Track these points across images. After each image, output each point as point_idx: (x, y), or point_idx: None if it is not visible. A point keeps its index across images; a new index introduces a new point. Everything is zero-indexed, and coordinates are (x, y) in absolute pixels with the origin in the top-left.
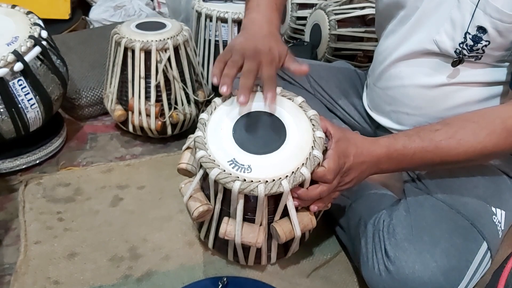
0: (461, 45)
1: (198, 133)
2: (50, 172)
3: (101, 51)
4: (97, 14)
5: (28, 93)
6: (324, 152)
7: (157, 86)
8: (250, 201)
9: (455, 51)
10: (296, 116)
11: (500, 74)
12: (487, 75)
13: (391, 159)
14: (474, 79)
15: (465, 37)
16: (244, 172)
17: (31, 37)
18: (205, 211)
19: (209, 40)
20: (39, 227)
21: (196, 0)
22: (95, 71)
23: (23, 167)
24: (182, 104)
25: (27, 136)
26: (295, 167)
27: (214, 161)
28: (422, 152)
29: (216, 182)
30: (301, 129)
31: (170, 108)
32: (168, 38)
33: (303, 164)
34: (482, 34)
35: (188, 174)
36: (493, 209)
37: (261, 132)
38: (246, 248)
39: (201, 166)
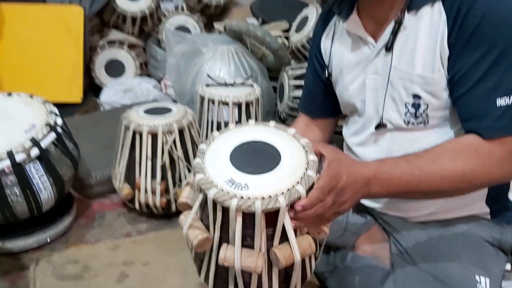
0: (407, 115)
1: (197, 160)
2: (60, 250)
3: (111, 132)
4: (108, 97)
5: (43, 176)
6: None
7: (163, 166)
8: (248, 223)
9: (404, 122)
10: (289, 144)
11: (459, 130)
12: (445, 136)
13: (380, 180)
14: (436, 142)
15: (406, 107)
16: (241, 189)
17: (47, 124)
18: (204, 239)
19: (212, 121)
20: None
21: (200, 85)
22: (105, 151)
23: (35, 246)
24: (185, 183)
25: (39, 217)
26: (290, 184)
27: (212, 182)
28: (408, 176)
29: (214, 202)
30: (295, 153)
31: (174, 186)
32: (173, 122)
33: (298, 182)
34: (418, 100)
35: (188, 208)
36: (477, 277)
37: (257, 156)
38: (247, 282)
39: (200, 190)
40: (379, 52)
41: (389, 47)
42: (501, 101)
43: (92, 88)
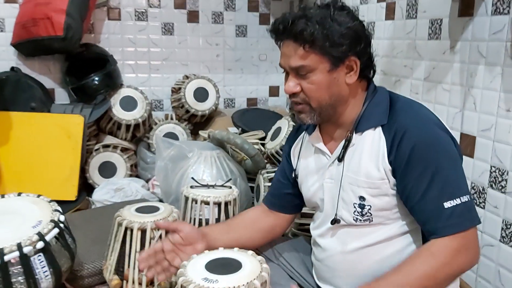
0: (355, 213)
1: (179, 270)
2: None
3: (102, 228)
4: (100, 196)
5: (45, 267)
6: None
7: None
8: None
9: (353, 219)
10: (249, 258)
11: (399, 228)
12: (388, 232)
13: None
14: (380, 238)
15: (354, 207)
16: (213, 283)
17: (52, 220)
18: None
19: (194, 219)
20: None
21: (184, 186)
22: (97, 246)
23: None
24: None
25: None
26: (249, 280)
27: (191, 280)
28: None
29: None
30: (253, 263)
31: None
32: (160, 219)
33: (254, 279)
34: (363, 201)
35: None
36: None
37: (225, 265)
38: None
39: (182, 287)
40: (333, 162)
41: (340, 158)
42: (448, 204)
43: (85, 187)
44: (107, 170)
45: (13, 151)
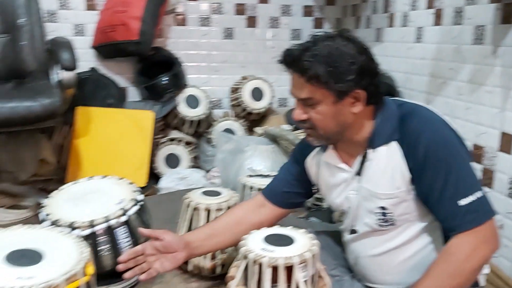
0: (379, 220)
1: (241, 243)
2: None
3: (168, 211)
4: (166, 183)
5: (126, 238)
6: None
7: None
8: (274, 277)
9: (378, 225)
10: (300, 235)
11: (420, 228)
12: (410, 233)
13: None
14: (403, 240)
15: (377, 215)
16: (270, 252)
17: (133, 199)
18: None
19: None
20: None
21: (242, 175)
22: (165, 225)
23: None
24: (229, 250)
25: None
26: (301, 252)
27: (251, 250)
28: None
29: (253, 261)
30: (304, 239)
31: (221, 252)
32: (223, 202)
33: (306, 251)
34: (384, 210)
35: (232, 279)
36: None
37: (280, 239)
38: None
39: (244, 257)
40: (353, 176)
41: (359, 173)
42: (462, 202)
43: (152, 176)
44: (172, 161)
45: (92, 142)
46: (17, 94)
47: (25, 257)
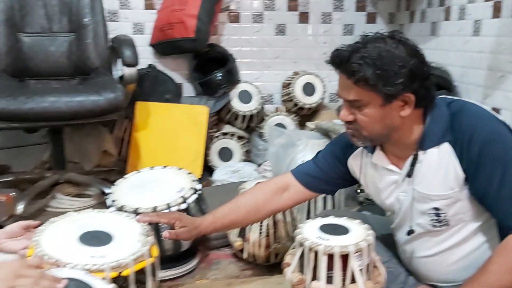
0: (432, 221)
1: (297, 231)
2: (189, 282)
3: (223, 201)
4: (219, 176)
5: None
6: None
7: (267, 225)
8: (329, 265)
9: (432, 226)
10: (356, 225)
11: (475, 227)
12: (465, 232)
13: None
14: (458, 239)
15: (430, 216)
16: (325, 241)
17: (191, 188)
18: (301, 279)
19: None
20: None
21: None
22: None
23: (171, 277)
24: (283, 240)
25: (177, 255)
26: (356, 241)
27: (307, 238)
28: None
29: (309, 248)
30: (360, 229)
31: (275, 242)
32: None
33: (361, 240)
34: (438, 211)
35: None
36: None
37: (335, 229)
38: None
39: (300, 244)
40: (404, 178)
41: (410, 175)
42: None
43: (206, 169)
44: (225, 154)
45: (150, 135)
46: (84, 89)
47: (96, 238)
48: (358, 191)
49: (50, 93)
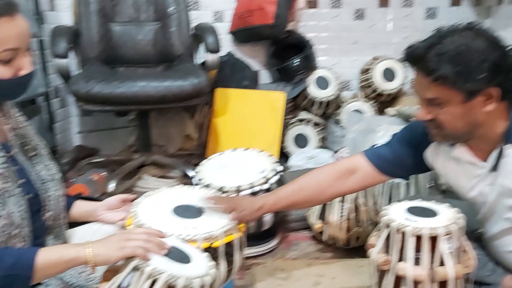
0: None
1: (382, 212)
2: (270, 260)
3: None
4: (295, 162)
5: None
6: None
7: (349, 208)
8: (417, 246)
9: None
10: (445, 209)
11: None
12: None
13: None
14: None
15: None
16: (413, 222)
17: (273, 169)
18: (386, 259)
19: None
20: None
21: None
22: None
23: (254, 254)
24: (365, 223)
25: (258, 234)
26: (446, 224)
27: (394, 219)
28: None
29: (396, 230)
30: (449, 212)
31: (356, 225)
32: None
33: (451, 224)
34: None
35: (372, 247)
36: None
37: (423, 211)
38: None
39: (386, 226)
40: (488, 173)
41: (494, 169)
42: None
43: (281, 155)
44: (300, 141)
45: (229, 121)
46: (170, 75)
47: (188, 211)
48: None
49: (139, 78)
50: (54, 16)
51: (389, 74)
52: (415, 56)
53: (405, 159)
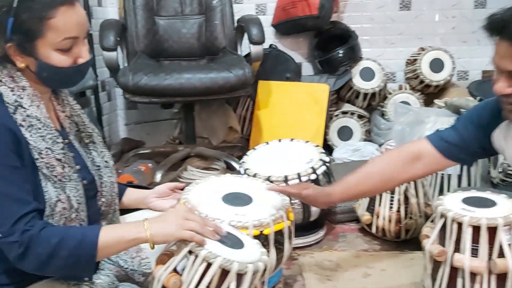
0: None
1: (437, 202)
2: (317, 251)
3: None
4: (339, 154)
5: None
6: None
7: (399, 200)
8: (475, 237)
9: None
10: (502, 199)
11: None
12: None
13: None
14: None
15: None
16: (470, 212)
17: (320, 160)
18: (442, 251)
19: (436, 174)
20: (316, 282)
21: None
22: None
23: (300, 245)
24: (415, 215)
25: (305, 224)
26: (505, 214)
27: (450, 209)
28: None
29: (452, 220)
30: (507, 203)
31: (406, 217)
32: None
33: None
34: None
35: (427, 237)
36: None
37: (480, 202)
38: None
39: (441, 215)
40: None
41: None
42: None
43: (325, 148)
44: (345, 133)
45: (271, 113)
46: (215, 67)
47: (238, 199)
48: (496, 171)
49: (185, 70)
50: (101, 11)
51: (436, 65)
52: (499, 23)
53: (471, 142)
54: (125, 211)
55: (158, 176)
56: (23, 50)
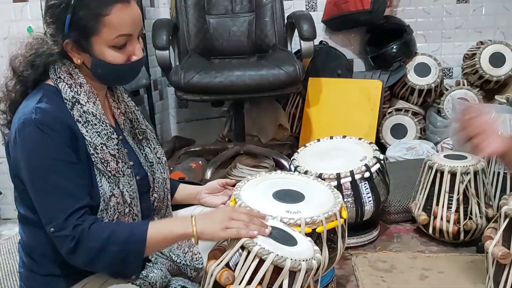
0: None
1: (502, 200)
2: (370, 252)
3: (400, 177)
4: (393, 153)
5: (369, 193)
6: None
7: (458, 199)
8: None
9: None
10: None
11: None
12: None
13: None
14: None
15: None
16: None
17: (374, 157)
18: (507, 253)
19: (498, 173)
20: (369, 283)
21: None
22: (399, 189)
23: (352, 245)
24: (476, 216)
25: (358, 224)
26: None
27: None
28: None
29: None
30: None
31: (465, 218)
32: (470, 165)
33: None
34: None
35: (489, 238)
36: None
37: None
38: None
39: (506, 216)
40: None
41: None
42: None
43: (377, 146)
44: (398, 131)
45: (322, 110)
46: (265, 64)
47: (289, 196)
48: None
49: (236, 68)
50: (154, 11)
51: (497, 60)
52: None
53: None
54: (177, 206)
55: (208, 174)
56: (79, 47)
